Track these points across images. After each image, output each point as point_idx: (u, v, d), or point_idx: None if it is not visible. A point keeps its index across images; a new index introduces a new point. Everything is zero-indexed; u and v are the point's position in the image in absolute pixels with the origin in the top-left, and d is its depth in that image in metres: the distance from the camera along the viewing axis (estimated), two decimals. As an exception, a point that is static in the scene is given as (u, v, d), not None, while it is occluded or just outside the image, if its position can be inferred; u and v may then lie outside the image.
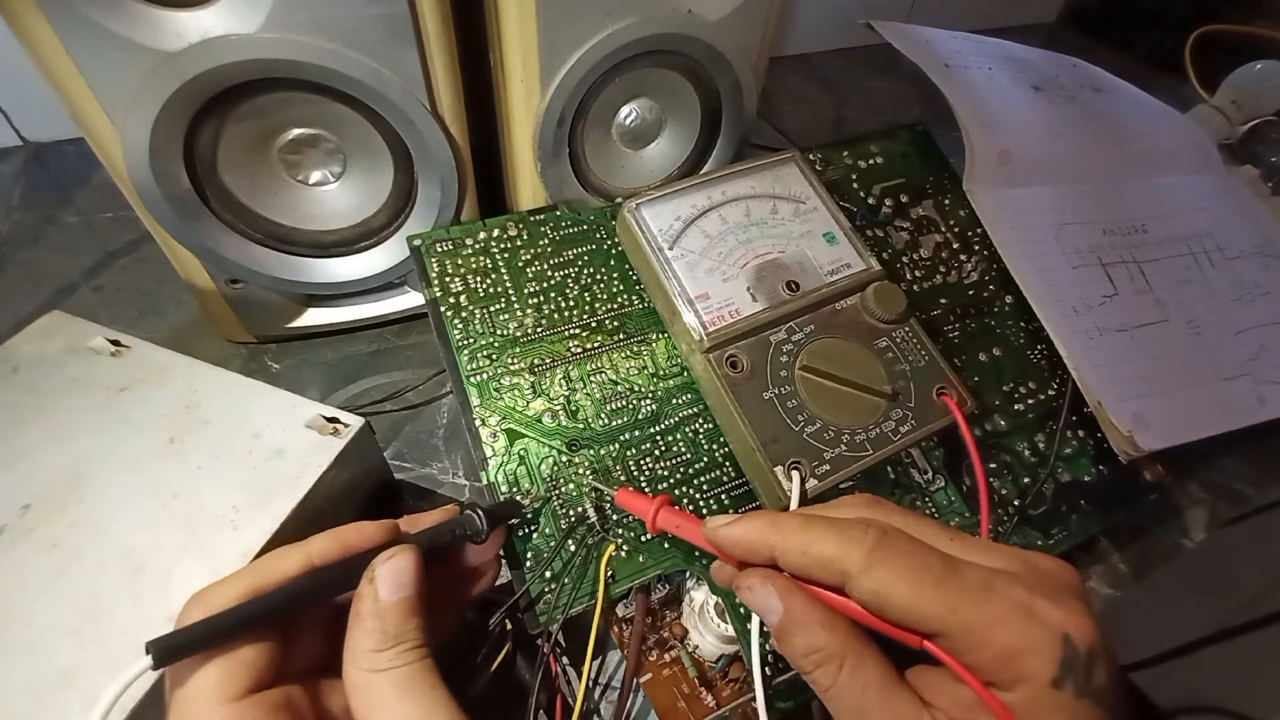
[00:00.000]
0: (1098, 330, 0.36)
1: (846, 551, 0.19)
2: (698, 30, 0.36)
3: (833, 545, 0.19)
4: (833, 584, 0.20)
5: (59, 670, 0.22)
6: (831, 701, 0.19)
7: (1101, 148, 0.45)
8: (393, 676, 0.19)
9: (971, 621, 0.18)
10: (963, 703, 0.18)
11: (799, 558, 0.20)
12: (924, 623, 0.18)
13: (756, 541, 0.21)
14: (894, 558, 0.19)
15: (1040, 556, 0.20)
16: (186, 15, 0.28)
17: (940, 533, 0.21)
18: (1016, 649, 0.17)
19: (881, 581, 0.18)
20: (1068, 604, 0.18)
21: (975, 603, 0.18)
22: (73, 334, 0.30)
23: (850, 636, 0.19)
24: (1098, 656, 0.18)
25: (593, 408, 0.30)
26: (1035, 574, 0.19)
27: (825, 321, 0.31)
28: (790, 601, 0.20)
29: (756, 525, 0.21)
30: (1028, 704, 0.17)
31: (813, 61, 0.74)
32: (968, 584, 0.18)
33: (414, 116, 0.33)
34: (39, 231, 0.47)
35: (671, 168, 0.42)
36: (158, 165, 0.31)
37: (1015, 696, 0.17)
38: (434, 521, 0.24)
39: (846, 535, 0.19)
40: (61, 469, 0.26)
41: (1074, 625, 0.18)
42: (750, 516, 0.22)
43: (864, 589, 0.19)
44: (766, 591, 0.20)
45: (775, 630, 0.20)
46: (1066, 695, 0.17)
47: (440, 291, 0.31)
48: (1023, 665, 0.17)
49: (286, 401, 0.29)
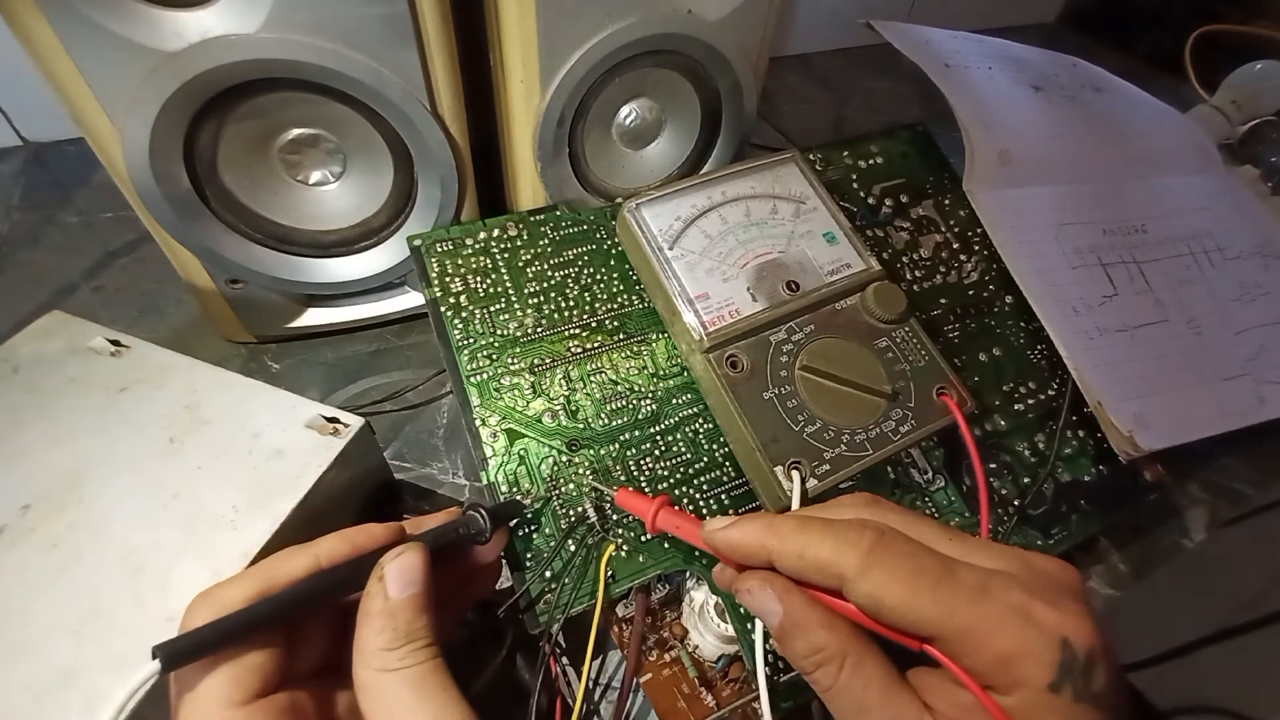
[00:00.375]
0: (1098, 330, 0.36)
1: (842, 555, 0.19)
2: (698, 30, 0.36)
3: (829, 549, 0.19)
4: (830, 587, 0.20)
5: (59, 670, 0.22)
6: (833, 701, 0.19)
7: (1101, 148, 0.45)
8: (404, 676, 0.19)
9: (968, 624, 0.18)
10: (962, 706, 0.18)
11: (796, 561, 0.20)
12: (921, 626, 0.18)
13: (754, 545, 0.21)
14: (890, 560, 0.19)
15: (1040, 557, 0.20)
16: (186, 15, 0.28)
17: (939, 533, 0.21)
18: (1013, 652, 0.17)
19: (877, 585, 0.18)
20: (1066, 606, 0.18)
21: (972, 605, 0.18)
22: (73, 334, 0.30)
23: (850, 636, 0.19)
24: (1097, 660, 0.18)
25: (593, 408, 0.30)
26: (1034, 575, 0.19)
27: (825, 321, 0.31)
28: (789, 603, 0.20)
29: (754, 529, 0.21)
30: (1025, 708, 0.17)
31: (813, 61, 0.74)
32: (964, 586, 0.18)
33: (414, 116, 0.33)
34: (39, 231, 0.47)
35: (671, 168, 0.42)
36: (158, 165, 0.30)
37: (1013, 700, 0.17)
38: (438, 523, 0.24)
39: (843, 538, 0.19)
40: (61, 469, 0.26)
41: (1073, 628, 0.18)
42: (748, 520, 0.22)
43: (860, 593, 0.19)
44: (765, 594, 0.20)
45: (775, 632, 0.20)
46: (1065, 699, 0.17)
47: (440, 291, 0.31)
48: (1020, 669, 0.17)
49: (286, 401, 0.29)
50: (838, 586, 0.19)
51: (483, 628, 0.28)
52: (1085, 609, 0.19)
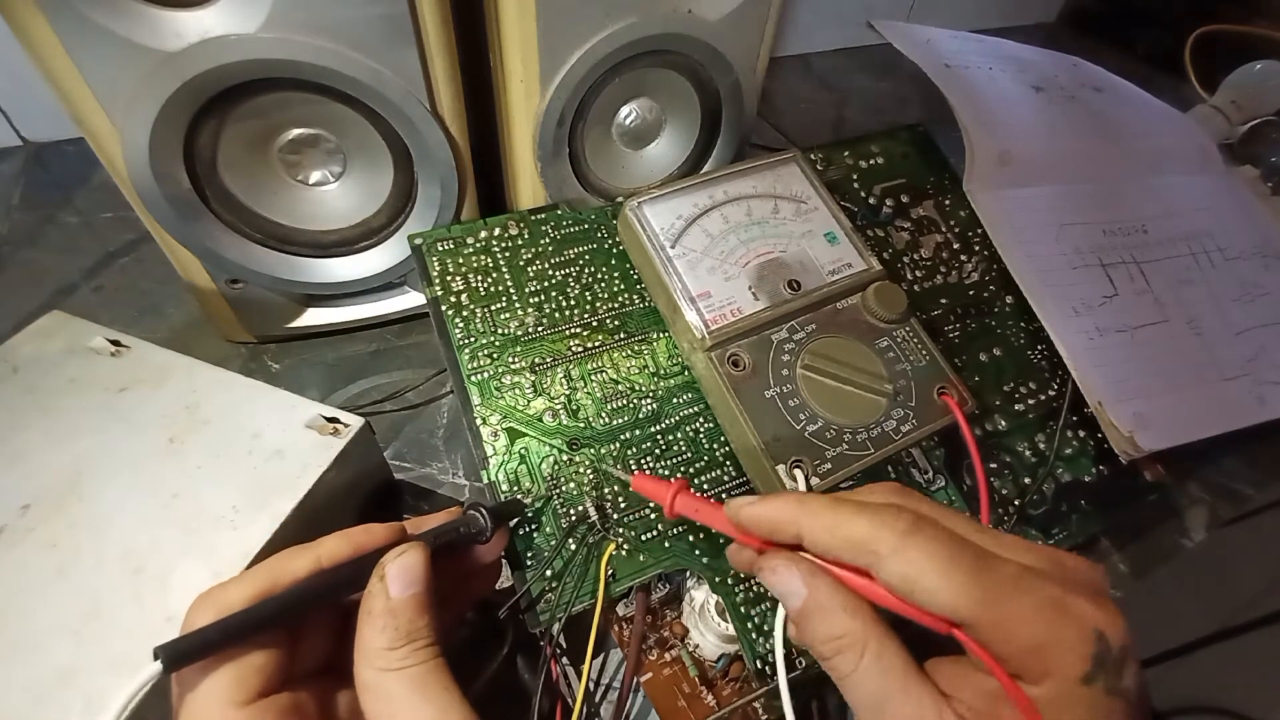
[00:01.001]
0: (1098, 330, 0.36)
1: (878, 532, 0.19)
2: (698, 30, 0.36)
3: (864, 526, 0.19)
4: (860, 565, 0.19)
5: (59, 670, 0.22)
6: (851, 689, 0.19)
7: (1102, 148, 0.45)
8: (406, 675, 0.19)
9: (1002, 613, 0.17)
10: (985, 693, 0.18)
11: (826, 536, 0.20)
12: (953, 611, 0.18)
13: (784, 520, 0.20)
14: (926, 543, 0.18)
15: (1069, 556, 0.20)
16: (186, 15, 0.28)
17: (971, 525, 0.20)
18: (1047, 642, 0.17)
19: (913, 565, 0.18)
20: (1100, 601, 0.18)
21: (1008, 595, 0.18)
22: (73, 334, 0.30)
23: (873, 623, 0.19)
24: (1129, 656, 0.18)
25: (593, 407, 0.30)
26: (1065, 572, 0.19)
27: (826, 321, 0.31)
28: (814, 585, 0.20)
29: (784, 503, 0.21)
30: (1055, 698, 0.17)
31: (813, 61, 0.74)
32: (1001, 576, 0.18)
33: (414, 116, 0.33)
34: (39, 231, 0.47)
35: (671, 168, 0.42)
36: (157, 165, 0.30)
37: (1042, 690, 0.17)
38: (438, 523, 0.24)
39: (879, 517, 0.19)
40: (61, 469, 0.26)
41: (1107, 622, 0.18)
42: (776, 495, 0.21)
43: (894, 571, 0.18)
44: (790, 574, 0.20)
45: (796, 614, 0.20)
46: (1096, 692, 0.17)
47: (441, 291, 0.31)
48: (1052, 659, 0.17)
49: (286, 401, 0.29)
50: (869, 564, 0.19)
51: (483, 627, 0.28)
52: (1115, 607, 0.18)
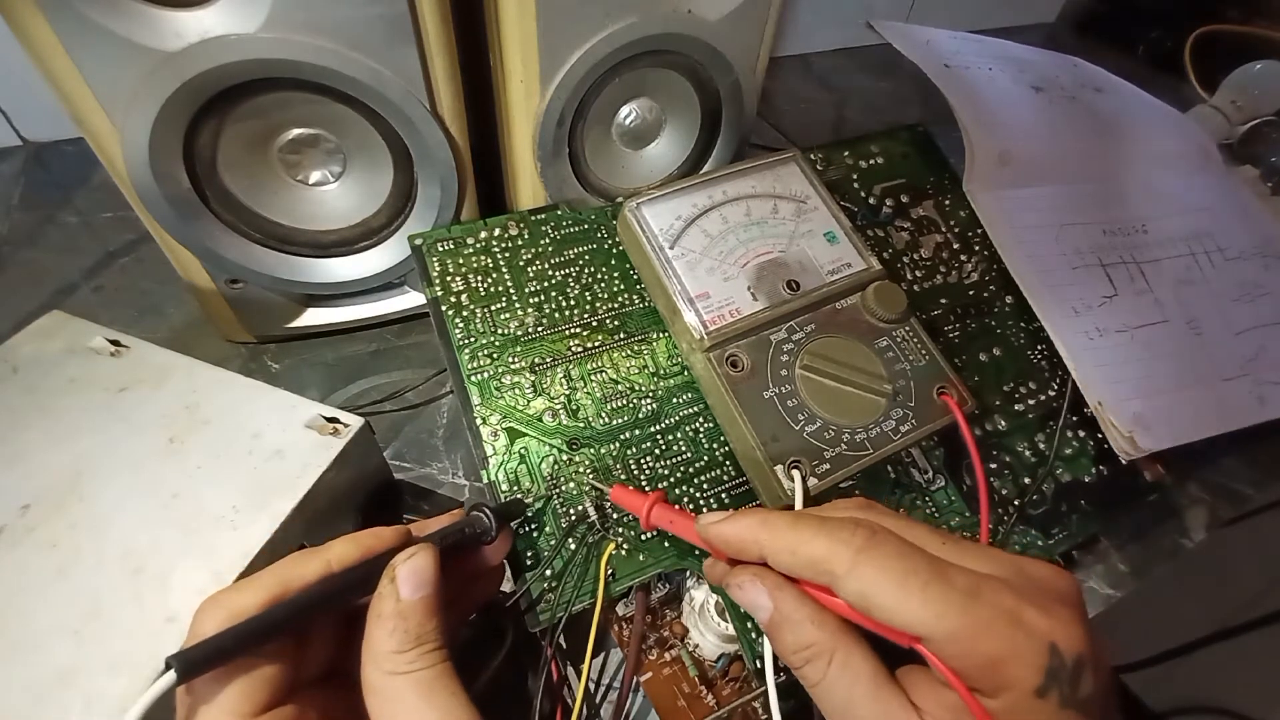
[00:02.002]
0: (1098, 330, 0.36)
1: (834, 551, 0.19)
2: (698, 30, 0.36)
3: (821, 545, 0.19)
4: (821, 584, 0.20)
5: (59, 670, 0.22)
6: (821, 697, 0.19)
7: (1102, 148, 0.45)
8: (415, 679, 0.19)
9: (957, 626, 0.18)
10: (948, 706, 0.18)
11: (788, 557, 0.20)
12: (910, 626, 0.18)
13: (747, 540, 0.21)
14: (881, 559, 0.19)
15: (1035, 563, 0.20)
16: (186, 15, 0.28)
17: (932, 536, 0.20)
18: (1001, 655, 0.17)
19: (867, 583, 0.18)
20: (1057, 612, 0.18)
21: (961, 608, 0.18)
22: (73, 334, 0.30)
23: (839, 632, 0.19)
24: (1085, 666, 0.18)
25: (593, 407, 0.30)
26: (1027, 581, 0.19)
27: (826, 321, 0.31)
28: (779, 598, 0.20)
29: (747, 524, 0.21)
30: (1011, 712, 0.17)
31: (813, 61, 0.74)
32: (955, 588, 0.18)
33: (414, 116, 0.33)
34: (39, 231, 0.47)
35: (671, 168, 0.42)
36: (157, 165, 0.30)
37: (999, 703, 0.17)
38: (442, 525, 0.24)
39: (835, 535, 0.19)
40: (61, 469, 0.26)
41: (1062, 634, 0.18)
42: (742, 514, 0.22)
43: (850, 590, 0.19)
44: (756, 589, 0.21)
45: (765, 627, 0.21)
46: (1050, 704, 0.17)
47: (441, 291, 0.31)
48: (1007, 672, 0.17)
49: (286, 401, 0.29)
50: (828, 584, 0.19)
51: (483, 627, 0.28)
52: (1077, 615, 0.19)
